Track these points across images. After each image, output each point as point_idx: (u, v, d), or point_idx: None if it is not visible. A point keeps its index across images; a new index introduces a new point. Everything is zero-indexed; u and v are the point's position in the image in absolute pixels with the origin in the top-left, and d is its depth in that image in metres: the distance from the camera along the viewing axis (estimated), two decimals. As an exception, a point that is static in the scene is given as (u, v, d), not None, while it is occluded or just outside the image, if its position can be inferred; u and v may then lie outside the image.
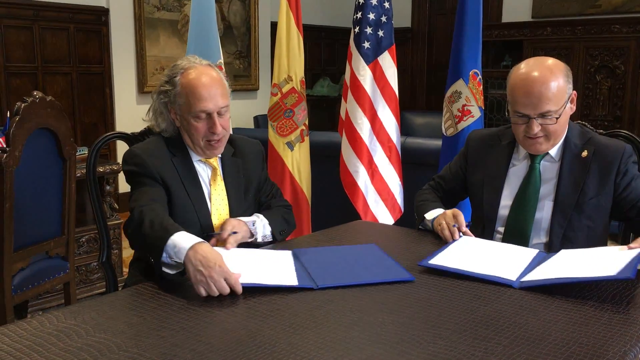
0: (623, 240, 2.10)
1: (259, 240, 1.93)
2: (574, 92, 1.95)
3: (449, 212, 1.99)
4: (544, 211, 1.97)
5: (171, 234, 1.59)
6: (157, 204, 1.77)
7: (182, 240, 1.57)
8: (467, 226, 1.97)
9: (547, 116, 1.87)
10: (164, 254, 1.58)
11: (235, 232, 1.82)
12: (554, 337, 1.25)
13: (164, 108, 1.93)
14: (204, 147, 1.92)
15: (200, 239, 1.59)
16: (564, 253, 1.77)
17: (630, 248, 1.67)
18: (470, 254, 1.79)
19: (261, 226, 1.95)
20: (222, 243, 1.80)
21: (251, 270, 1.59)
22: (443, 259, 1.73)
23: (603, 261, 1.61)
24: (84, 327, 1.30)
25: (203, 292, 1.47)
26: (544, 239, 1.97)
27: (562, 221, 1.94)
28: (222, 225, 1.86)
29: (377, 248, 1.87)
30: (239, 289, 1.49)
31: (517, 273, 1.62)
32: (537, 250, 1.83)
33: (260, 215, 1.99)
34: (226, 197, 1.98)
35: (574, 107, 1.96)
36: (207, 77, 1.88)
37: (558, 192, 1.96)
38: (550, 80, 1.86)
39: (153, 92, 1.96)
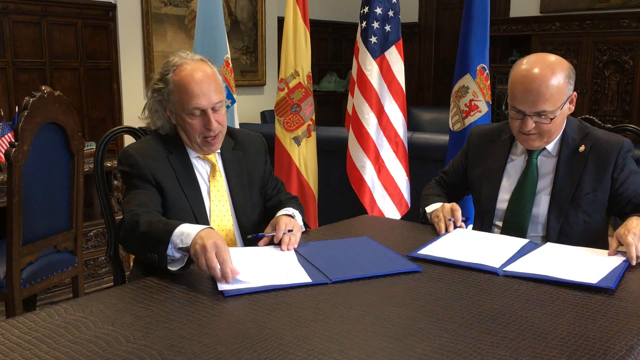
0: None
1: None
2: (575, 93, 1.92)
3: (448, 205, 2.01)
4: (541, 205, 1.97)
5: (177, 225, 1.60)
6: (148, 208, 1.76)
7: (190, 228, 1.59)
8: (465, 222, 1.99)
9: (542, 115, 1.86)
10: (170, 246, 1.57)
11: (290, 230, 1.80)
12: (560, 330, 1.25)
13: (159, 106, 1.91)
14: (201, 144, 1.90)
15: (209, 226, 1.61)
16: (549, 247, 1.79)
17: (609, 254, 1.68)
18: (459, 244, 1.82)
19: (299, 218, 1.96)
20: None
21: (261, 271, 1.59)
22: (432, 249, 1.76)
23: (586, 264, 1.62)
24: (92, 319, 1.31)
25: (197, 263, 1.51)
26: (541, 232, 1.98)
27: (558, 215, 1.94)
28: (275, 225, 1.83)
29: (371, 240, 1.89)
30: (228, 275, 1.48)
31: (501, 261, 1.65)
32: (526, 240, 1.84)
33: (289, 208, 1.97)
34: (227, 192, 1.96)
35: (573, 108, 1.94)
36: (200, 73, 1.85)
37: (554, 186, 1.96)
38: (550, 79, 1.83)
39: (147, 90, 1.94)
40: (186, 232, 1.57)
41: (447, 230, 1.93)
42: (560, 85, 1.85)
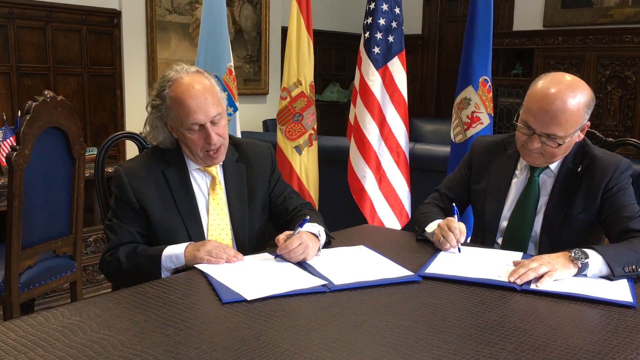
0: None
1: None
2: (588, 122, 1.88)
3: (443, 223, 1.90)
4: (535, 224, 1.95)
5: (160, 254, 1.74)
6: (126, 245, 1.83)
7: (172, 249, 1.75)
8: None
9: (551, 138, 1.82)
10: (162, 271, 1.73)
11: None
12: (560, 343, 1.24)
13: (159, 121, 1.89)
14: (204, 158, 1.89)
15: (188, 243, 1.78)
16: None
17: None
18: (464, 259, 1.78)
19: (322, 238, 1.85)
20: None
21: (260, 280, 1.58)
22: (439, 266, 1.72)
23: (602, 282, 1.61)
24: (89, 323, 1.30)
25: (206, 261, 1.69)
26: (534, 251, 1.96)
27: (551, 235, 1.93)
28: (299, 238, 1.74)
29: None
30: (237, 254, 1.73)
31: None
32: (521, 254, 1.84)
33: (315, 224, 1.85)
34: (226, 205, 1.94)
35: (582, 136, 1.91)
36: (196, 87, 1.82)
37: (548, 205, 1.94)
38: (569, 105, 1.79)
39: (147, 105, 1.92)
40: (173, 253, 1.74)
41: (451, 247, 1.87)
42: (577, 113, 1.80)
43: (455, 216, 1.89)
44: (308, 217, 1.80)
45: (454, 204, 1.94)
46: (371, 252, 1.86)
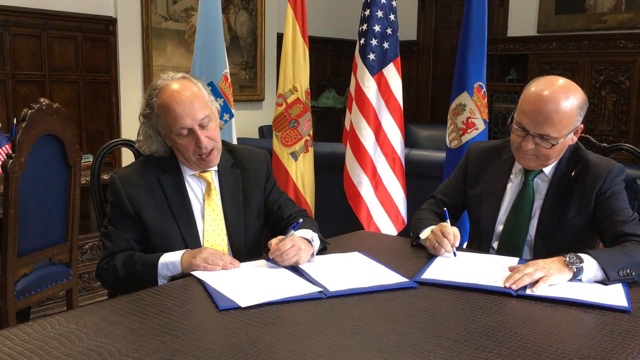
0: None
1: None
2: (581, 125, 1.90)
3: (436, 229, 1.91)
4: (532, 228, 1.96)
5: (157, 261, 1.75)
6: (122, 252, 1.84)
7: (170, 256, 1.75)
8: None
9: (545, 138, 1.84)
10: (159, 279, 1.73)
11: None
12: (555, 348, 1.25)
13: (152, 130, 1.89)
14: (197, 162, 1.89)
15: (184, 250, 1.79)
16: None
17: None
18: (460, 265, 1.79)
19: (316, 244, 1.85)
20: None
21: (256, 287, 1.58)
22: (435, 272, 1.72)
23: (596, 286, 1.62)
24: (85, 331, 1.30)
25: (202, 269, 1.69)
26: (529, 255, 1.97)
27: (546, 239, 1.94)
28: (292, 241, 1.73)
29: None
30: (233, 261, 1.73)
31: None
32: (517, 259, 1.84)
33: (309, 230, 1.86)
34: (221, 211, 1.94)
35: (576, 139, 1.93)
36: (181, 93, 1.83)
37: (542, 210, 1.95)
38: (562, 105, 1.81)
39: (139, 115, 1.92)
40: (169, 261, 1.74)
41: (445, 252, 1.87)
42: (570, 114, 1.83)
43: (448, 221, 1.90)
44: (301, 220, 1.81)
45: (445, 209, 1.95)
46: (367, 258, 1.86)
